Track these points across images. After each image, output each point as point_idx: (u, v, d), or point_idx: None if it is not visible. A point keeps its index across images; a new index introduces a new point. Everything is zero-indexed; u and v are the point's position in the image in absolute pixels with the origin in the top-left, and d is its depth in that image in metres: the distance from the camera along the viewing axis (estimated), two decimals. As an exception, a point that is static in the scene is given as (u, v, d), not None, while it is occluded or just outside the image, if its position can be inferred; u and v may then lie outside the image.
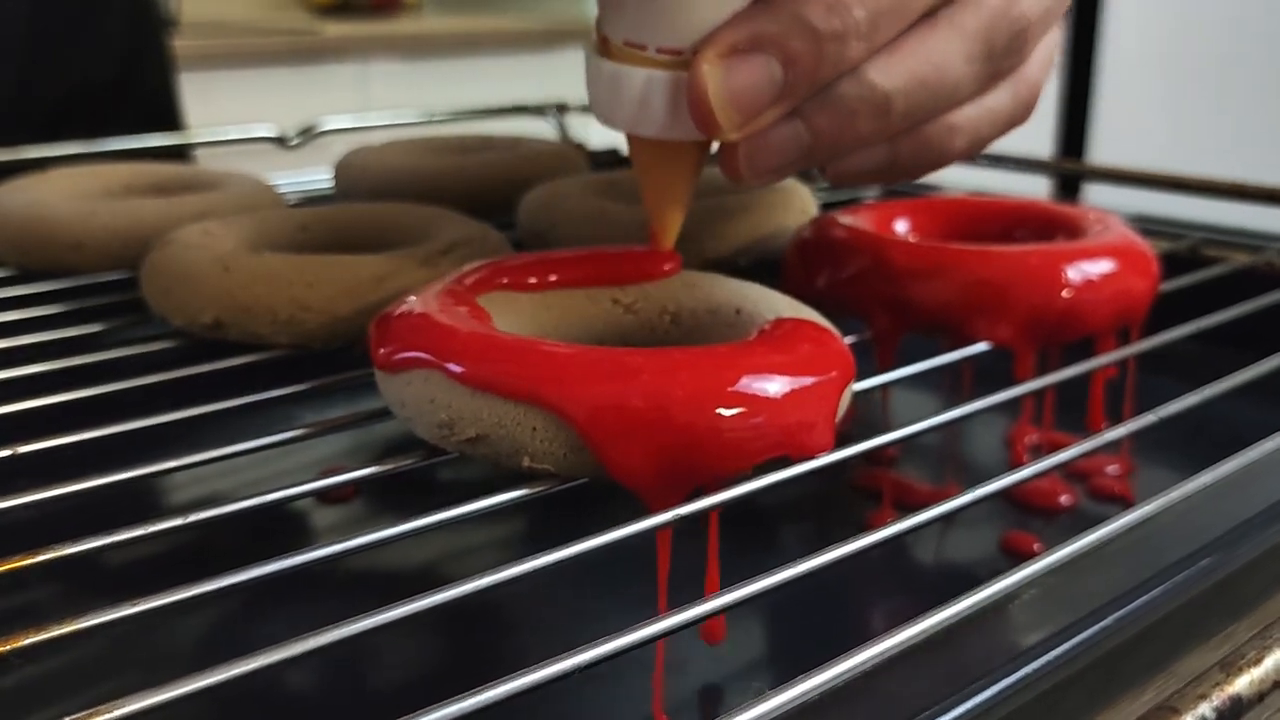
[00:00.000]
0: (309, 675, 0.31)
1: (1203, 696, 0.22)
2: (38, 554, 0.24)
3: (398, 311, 0.31)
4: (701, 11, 0.29)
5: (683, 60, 0.30)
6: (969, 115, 0.33)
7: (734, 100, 0.29)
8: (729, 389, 0.26)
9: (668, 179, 0.32)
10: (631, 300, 0.34)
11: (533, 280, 0.33)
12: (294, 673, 0.30)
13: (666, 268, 0.34)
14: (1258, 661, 0.23)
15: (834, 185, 0.33)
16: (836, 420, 0.29)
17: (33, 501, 0.27)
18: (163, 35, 0.80)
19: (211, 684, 0.20)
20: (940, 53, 0.31)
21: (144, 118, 0.75)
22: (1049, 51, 0.35)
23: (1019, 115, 0.34)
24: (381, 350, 0.30)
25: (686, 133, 0.30)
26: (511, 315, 0.32)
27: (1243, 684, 0.22)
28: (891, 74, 0.30)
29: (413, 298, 0.31)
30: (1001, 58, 0.32)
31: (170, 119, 0.80)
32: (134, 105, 0.77)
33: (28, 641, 0.21)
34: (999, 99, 0.33)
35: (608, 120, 0.31)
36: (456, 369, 0.27)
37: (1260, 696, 0.23)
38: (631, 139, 0.32)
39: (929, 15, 0.31)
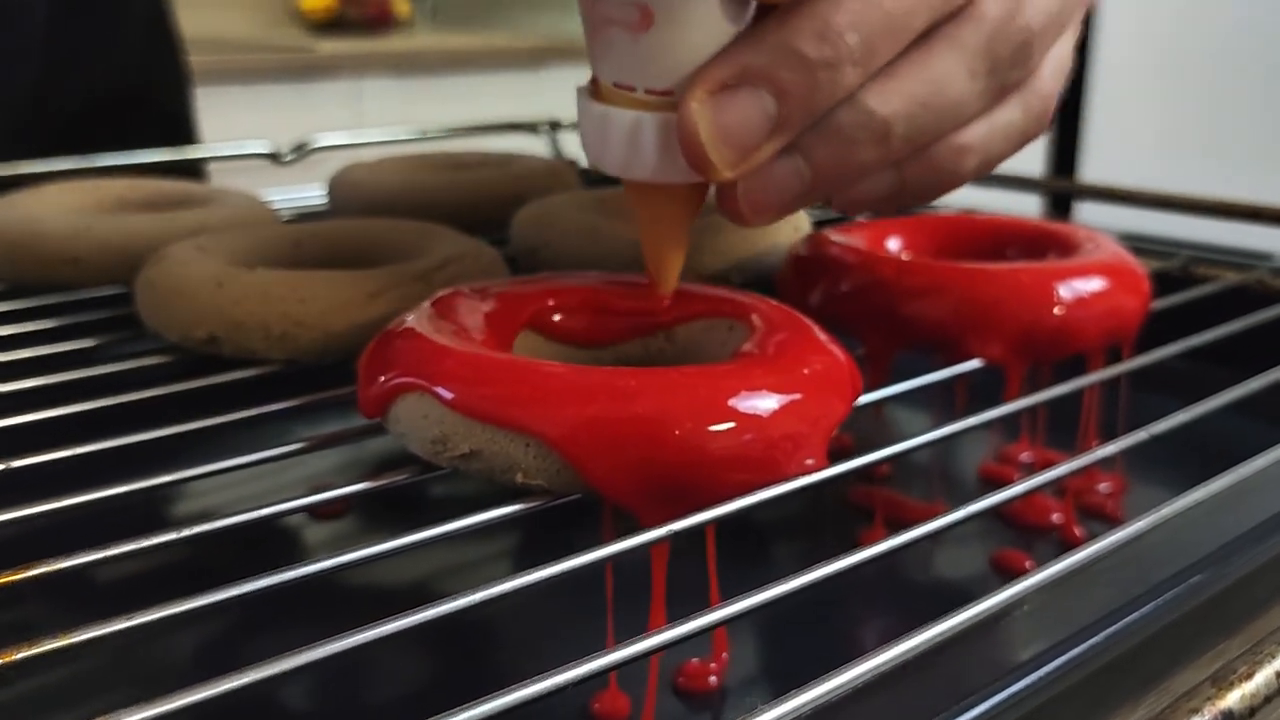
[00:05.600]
0: (301, 690, 0.30)
1: (1194, 711, 0.22)
2: (31, 568, 0.24)
3: (384, 343, 0.31)
4: (688, 50, 0.28)
5: (673, 101, 0.29)
6: (979, 133, 0.32)
7: (726, 138, 0.28)
8: (707, 410, 0.26)
9: (664, 222, 0.31)
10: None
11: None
12: (286, 687, 0.30)
13: (664, 308, 0.33)
14: (1249, 676, 0.23)
15: (843, 214, 0.33)
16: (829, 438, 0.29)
17: (26, 516, 0.27)
18: (180, 51, 0.80)
19: (204, 699, 0.20)
20: (940, 72, 0.29)
21: (161, 133, 0.75)
22: (1061, 60, 0.33)
23: (1032, 129, 0.33)
24: (363, 394, 0.30)
25: (679, 174, 0.29)
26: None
27: (1234, 699, 0.22)
28: (890, 98, 0.29)
29: (408, 317, 0.31)
30: (1007, 71, 0.31)
31: (186, 134, 0.80)
32: (152, 120, 0.77)
33: (21, 656, 0.21)
34: (1009, 114, 0.32)
35: (599, 163, 0.31)
36: (446, 393, 0.27)
37: (1251, 711, 0.23)
38: (625, 182, 0.31)
39: (927, 34, 0.29)
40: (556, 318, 0.33)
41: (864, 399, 0.33)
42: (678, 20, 0.28)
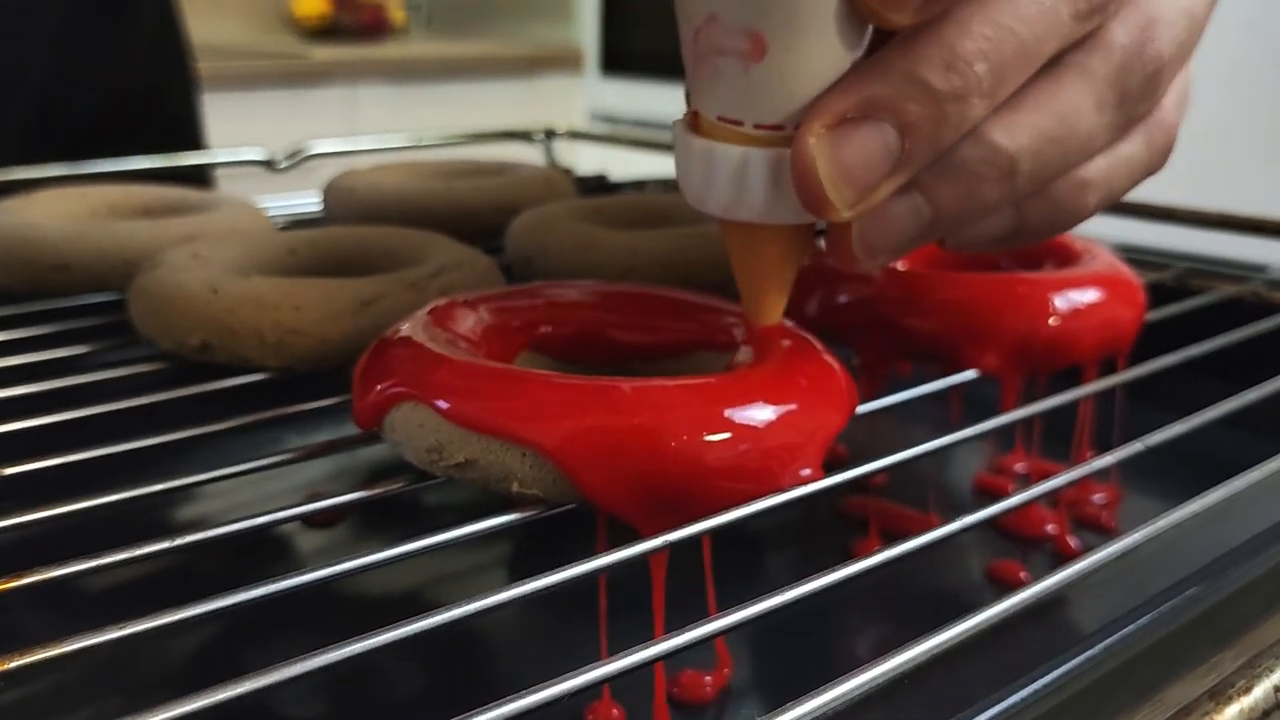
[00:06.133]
0: (294, 700, 0.30)
1: (1192, 725, 0.22)
2: (22, 576, 0.24)
3: (380, 352, 0.31)
4: (803, 81, 0.26)
5: (784, 136, 0.27)
6: (1101, 168, 0.30)
7: (846, 175, 0.26)
8: (704, 421, 0.26)
9: (767, 262, 0.29)
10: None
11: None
12: (278, 698, 0.30)
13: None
14: (1247, 690, 0.23)
15: (955, 252, 0.31)
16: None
17: (18, 524, 0.27)
18: (187, 56, 0.80)
19: (195, 710, 0.20)
20: (1068, 104, 0.28)
21: (169, 136, 0.75)
22: (1182, 90, 0.31)
23: (1155, 163, 0.31)
24: (358, 404, 0.30)
25: (789, 215, 0.27)
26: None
27: (1232, 713, 0.22)
28: (1016, 133, 0.27)
29: (403, 326, 0.31)
30: (1135, 104, 0.29)
31: (193, 139, 0.80)
32: (160, 124, 0.78)
33: (12, 665, 0.21)
34: (1132, 148, 0.30)
35: (700, 203, 0.28)
36: (442, 403, 0.27)
37: (1249, 726, 0.23)
38: (725, 222, 0.28)
39: (1053, 62, 0.27)
40: (556, 344, 0.33)
41: (860, 409, 0.33)
42: (794, 48, 0.26)
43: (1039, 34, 0.26)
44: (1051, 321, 0.36)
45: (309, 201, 0.65)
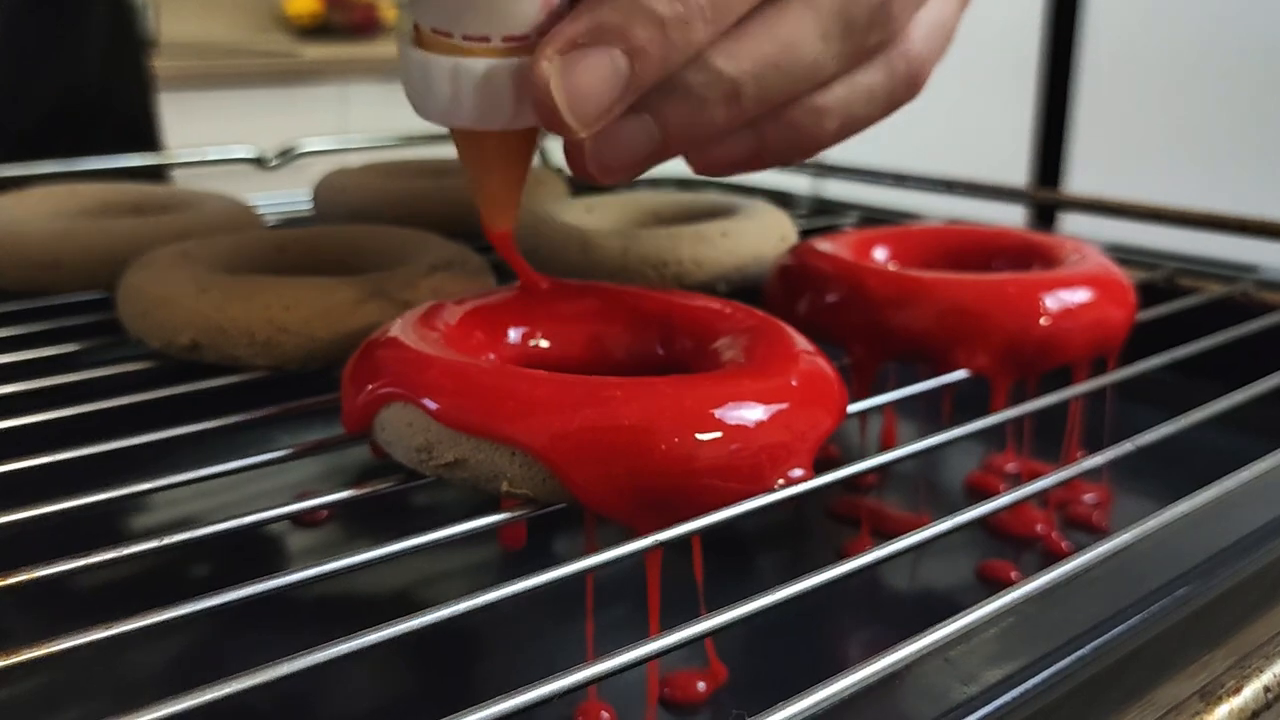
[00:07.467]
0: (282, 700, 0.30)
1: (1182, 726, 0.22)
2: (9, 576, 0.24)
3: (368, 354, 0.30)
4: None
5: (491, 47, 0.28)
6: (838, 96, 0.31)
7: (579, 97, 0.28)
8: (694, 421, 0.26)
9: (491, 169, 0.31)
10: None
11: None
12: (266, 698, 0.30)
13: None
14: (1237, 691, 0.23)
15: (704, 175, 0.32)
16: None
17: (5, 523, 0.27)
18: (142, 55, 0.79)
19: (182, 710, 0.20)
20: (791, 32, 0.29)
21: (122, 138, 0.75)
22: (937, 24, 0.33)
23: (900, 93, 0.32)
24: (347, 407, 0.30)
25: (501, 121, 0.29)
26: None
27: (1222, 713, 0.22)
28: (739, 58, 0.29)
29: (391, 327, 0.31)
30: (864, 34, 0.30)
31: (148, 139, 0.80)
32: (113, 125, 0.77)
33: (-2, 665, 0.21)
34: (871, 77, 0.31)
35: (422, 111, 0.30)
36: (431, 404, 0.27)
37: (1239, 727, 0.23)
38: (453, 131, 0.30)
39: None
40: (548, 361, 0.33)
41: (851, 409, 0.33)
42: None
43: None
44: (1042, 322, 0.36)
45: (299, 200, 0.65)
